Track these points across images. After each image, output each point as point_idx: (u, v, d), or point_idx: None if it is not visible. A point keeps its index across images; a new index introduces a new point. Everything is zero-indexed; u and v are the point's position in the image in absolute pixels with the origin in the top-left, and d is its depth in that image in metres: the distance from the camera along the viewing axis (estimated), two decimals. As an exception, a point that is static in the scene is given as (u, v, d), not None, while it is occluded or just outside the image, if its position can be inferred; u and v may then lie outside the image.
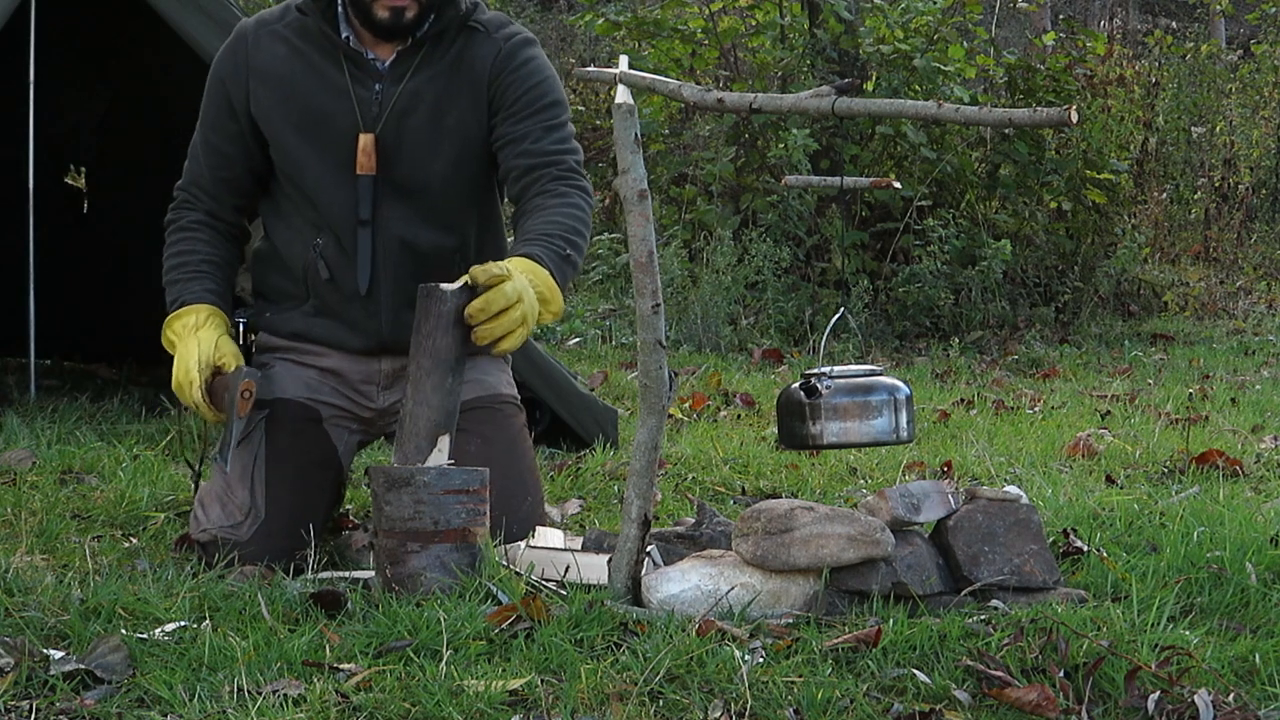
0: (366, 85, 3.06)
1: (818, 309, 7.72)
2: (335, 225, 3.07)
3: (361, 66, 3.06)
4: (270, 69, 3.08)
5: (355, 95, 3.05)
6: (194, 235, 3.14)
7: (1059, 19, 15.14)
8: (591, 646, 2.35)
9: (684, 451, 4.36)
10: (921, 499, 2.67)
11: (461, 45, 3.09)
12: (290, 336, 3.16)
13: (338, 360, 3.14)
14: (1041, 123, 2.26)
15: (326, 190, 3.06)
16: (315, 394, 3.13)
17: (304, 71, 3.07)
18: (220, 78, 3.13)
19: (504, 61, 3.09)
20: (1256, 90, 12.41)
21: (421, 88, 3.06)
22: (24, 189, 5.11)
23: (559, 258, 2.90)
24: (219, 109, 3.13)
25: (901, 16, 8.43)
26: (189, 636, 2.31)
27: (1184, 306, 9.40)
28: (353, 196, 3.05)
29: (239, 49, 3.12)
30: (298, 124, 3.06)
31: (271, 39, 3.10)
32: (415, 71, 3.06)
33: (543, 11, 14.80)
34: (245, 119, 3.10)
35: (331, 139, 3.06)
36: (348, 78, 3.06)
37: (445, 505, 2.60)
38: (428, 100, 3.06)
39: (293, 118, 3.07)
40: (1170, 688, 2.22)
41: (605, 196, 9.87)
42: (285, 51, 3.08)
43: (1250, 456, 4.38)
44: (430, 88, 3.06)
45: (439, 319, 2.73)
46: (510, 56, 3.09)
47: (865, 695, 2.20)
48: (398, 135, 3.06)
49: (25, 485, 3.63)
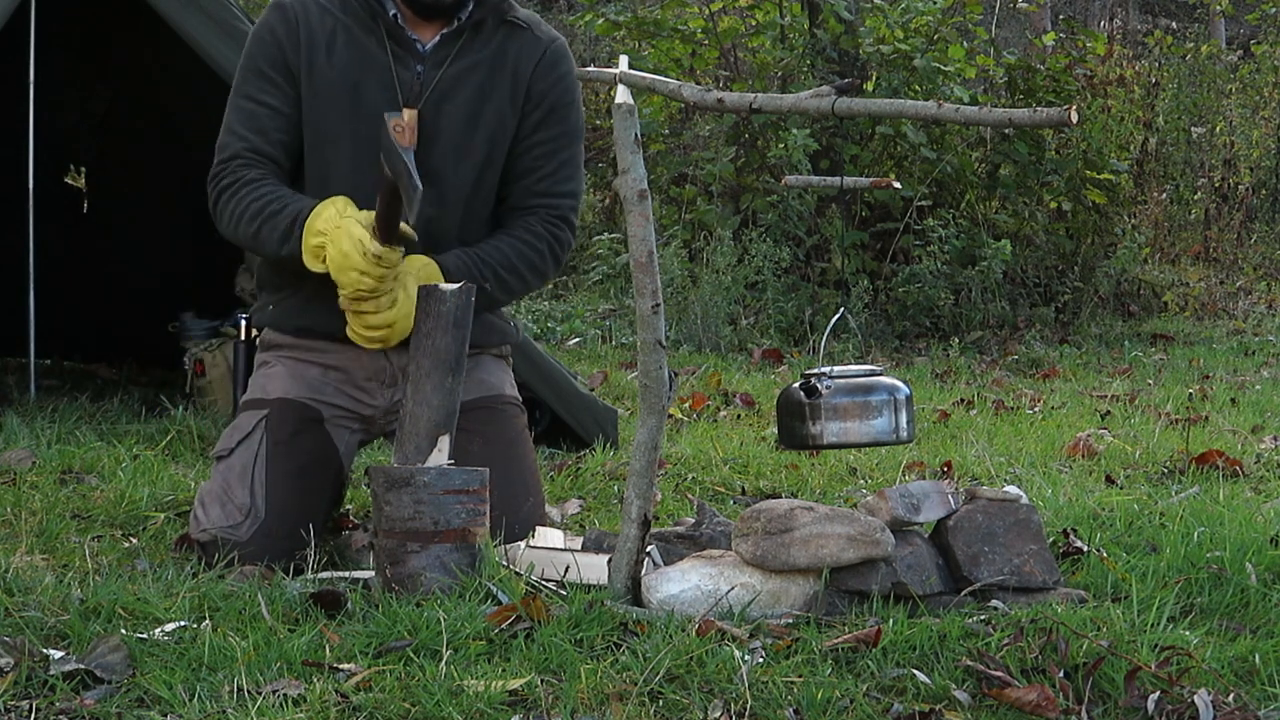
0: (408, 65, 3.05)
1: (818, 309, 7.72)
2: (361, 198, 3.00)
3: (404, 45, 3.05)
4: (319, 38, 3.05)
5: (397, 74, 3.04)
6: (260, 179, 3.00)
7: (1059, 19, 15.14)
8: (591, 646, 2.35)
9: (684, 451, 4.36)
10: (921, 499, 2.67)
11: (504, 38, 3.09)
12: (295, 333, 3.15)
13: (342, 356, 3.13)
14: (1041, 123, 2.26)
15: (360, 166, 3.02)
16: (317, 394, 3.13)
17: (346, 45, 3.05)
18: (272, 34, 3.06)
19: (548, 68, 3.10)
20: (1256, 90, 12.41)
21: (463, 74, 3.06)
22: (24, 189, 5.11)
23: (474, 278, 2.95)
24: (270, 64, 3.05)
25: (901, 16, 8.43)
26: (189, 636, 2.31)
27: (1184, 307, 9.40)
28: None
29: (288, 11, 3.06)
30: (340, 96, 3.04)
31: (320, 10, 3.06)
32: (457, 57, 3.06)
33: (543, 11, 14.81)
34: (293, 82, 3.05)
35: (369, 114, 3.01)
36: (390, 55, 3.04)
37: (445, 505, 2.60)
38: (469, 88, 3.06)
39: (336, 89, 3.04)
40: (1170, 688, 2.22)
41: (605, 196, 9.88)
42: (331, 24, 3.05)
43: (1250, 456, 4.38)
44: (472, 76, 3.06)
45: (439, 319, 2.73)
46: (554, 64, 3.11)
47: (865, 695, 2.20)
48: (435, 119, 3.04)
49: (25, 485, 3.63)
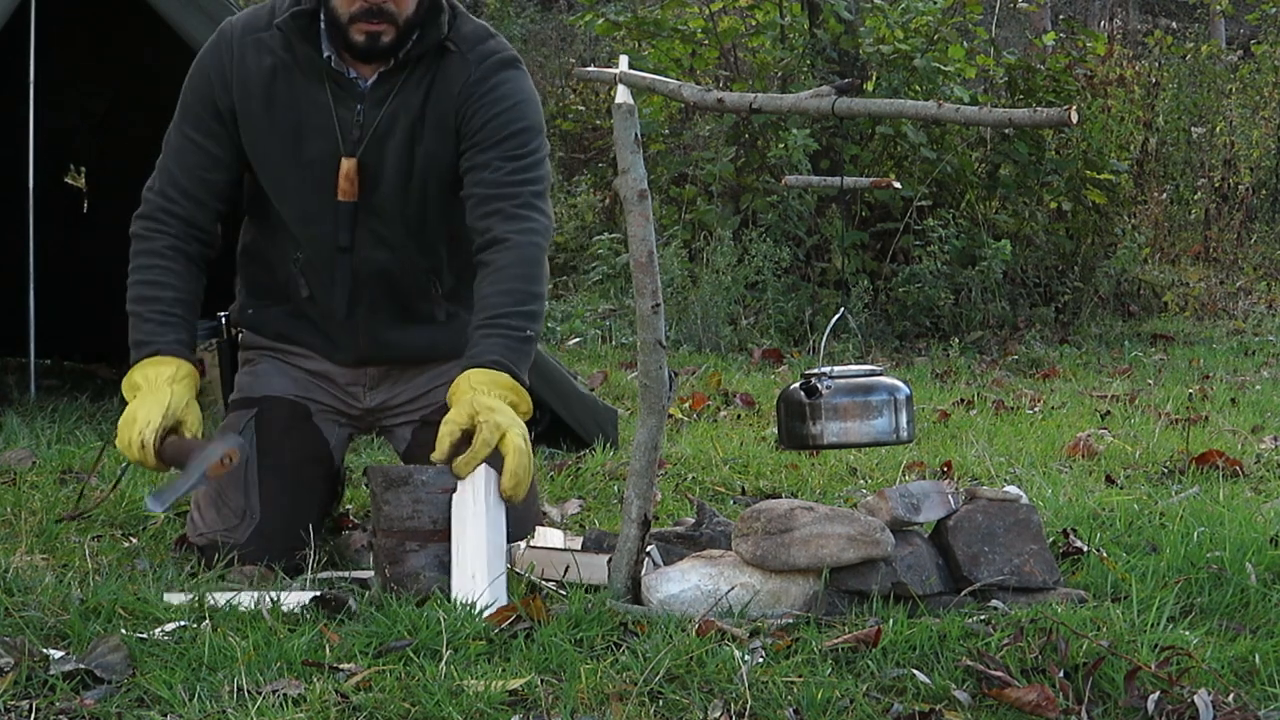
0: (348, 106, 2.97)
1: (818, 309, 7.72)
2: (313, 249, 3.03)
3: (344, 86, 2.97)
4: (254, 80, 2.97)
5: (337, 116, 2.96)
6: (166, 266, 2.98)
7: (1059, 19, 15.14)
8: (591, 646, 2.35)
9: (684, 451, 4.36)
10: (921, 499, 2.67)
11: (435, 69, 2.99)
12: (275, 338, 3.15)
13: (323, 364, 3.14)
14: (1041, 123, 2.26)
15: (306, 214, 3.00)
16: (304, 391, 3.12)
17: (287, 87, 2.98)
18: (205, 76, 3.01)
19: (473, 87, 2.98)
20: (1256, 90, 12.41)
21: (398, 111, 2.97)
22: (24, 189, 5.11)
23: (519, 342, 2.82)
24: (203, 106, 3.01)
25: (901, 16, 8.44)
26: (189, 636, 2.31)
27: (1184, 307, 9.40)
28: (332, 222, 2.99)
29: (224, 50, 3.01)
30: (279, 140, 2.98)
31: (257, 48, 2.98)
32: (395, 94, 2.97)
33: (543, 11, 14.81)
34: (230, 123, 3.00)
35: (312, 160, 2.97)
36: (330, 97, 2.97)
37: (444, 505, 2.60)
38: (403, 125, 2.97)
39: (274, 133, 2.98)
40: (1170, 688, 2.22)
41: (605, 196, 9.88)
42: (270, 63, 2.97)
43: (1250, 457, 4.38)
44: (405, 113, 2.97)
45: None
46: (480, 82, 2.98)
47: (865, 695, 2.20)
48: (379, 160, 2.98)
49: (25, 485, 3.63)
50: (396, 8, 2.90)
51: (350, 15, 2.89)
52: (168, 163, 3.03)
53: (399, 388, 3.15)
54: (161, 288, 2.97)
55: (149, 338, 2.92)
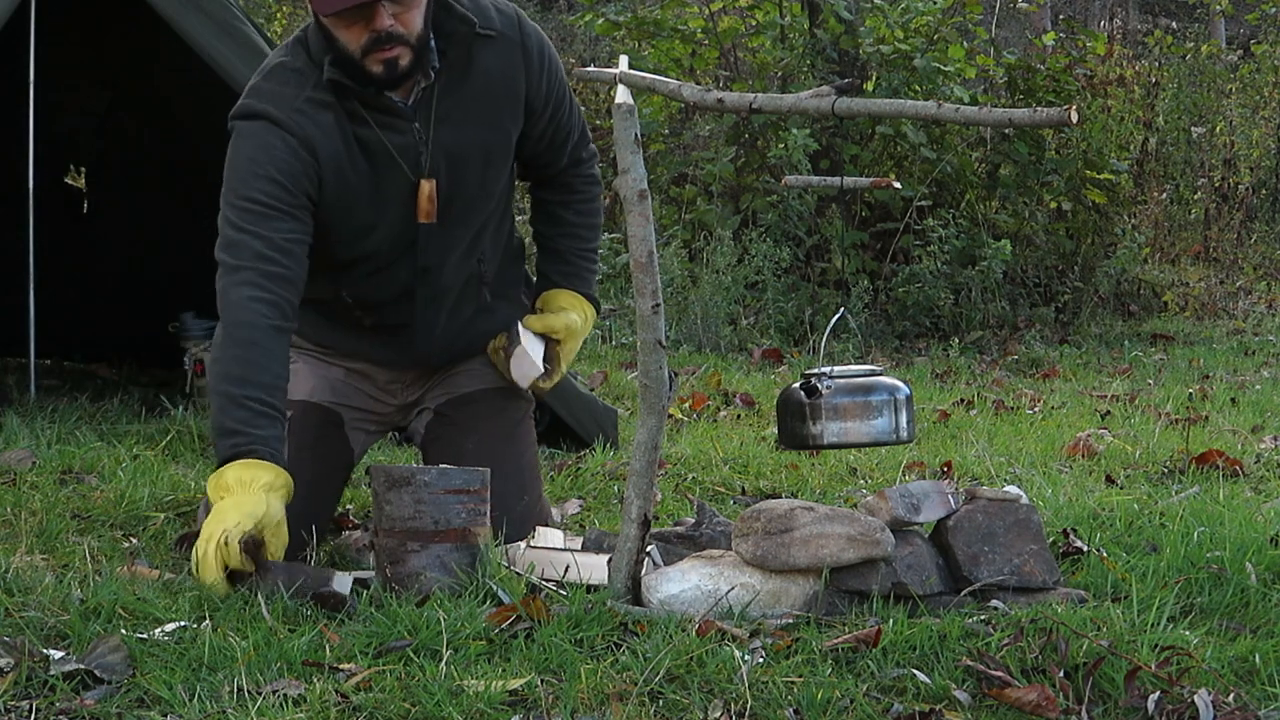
0: (400, 130, 2.92)
1: (818, 309, 7.72)
2: (378, 281, 3.01)
3: (388, 112, 2.91)
4: (327, 141, 2.87)
5: (394, 145, 2.91)
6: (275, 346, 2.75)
7: (1059, 19, 15.14)
8: (591, 646, 2.35)
9: (684, 451, 4.36)
10: (921, 499, 2.67)
11: (481, 57, 2.95)
12: (317, 345, 3.16)
13: (365, 364, 3.16)
14: (1041, 123, 2.26)
15: (389, 246, 2.98)
16: (340, 397, 3.14)
17: (352, 131, 2.89)
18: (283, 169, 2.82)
19: (538, 71, 3.02)
20: (1256, 90, 12.40)
21: (453, 113, 2.95)
22: (24, 189, 5.11)
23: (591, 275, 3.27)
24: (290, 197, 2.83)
25: (901, 16, 8.43)
26: (189, 636, 2.31)
27: (1184, 306, 9.40)
28: (413, 247, 2.99)
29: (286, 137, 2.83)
30: (360, 185, 2.91)
31: (314, 108, 2.86)
32: (440, 99, 2.93)
33: (543, 11, 14.81)
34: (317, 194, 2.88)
35: (387, 194, 2.93)
36: (376, 128, 2.90)
37: (445, 505, 2.61)
38: (460, 130, 2.95)
39: (356, 181, 2.91)
40: (1170, 688, 2.22)
41: (605, 196, 9.86)
42: (331, 117, 2.87)
43: (1250, 456, 4.38)
44: (465, 111, 2.95)
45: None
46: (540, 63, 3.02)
47: (865, 695, 2.20)
48: (448, 172, 2.96)
49: (25, 485, 3.63)
50: (405, 28, 2.83)
51: (361, 49, 2.83)
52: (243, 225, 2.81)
53: (434, 378, 3.21)
54: (266, 370, 2.74)
55: (251, 434, 2.69)
